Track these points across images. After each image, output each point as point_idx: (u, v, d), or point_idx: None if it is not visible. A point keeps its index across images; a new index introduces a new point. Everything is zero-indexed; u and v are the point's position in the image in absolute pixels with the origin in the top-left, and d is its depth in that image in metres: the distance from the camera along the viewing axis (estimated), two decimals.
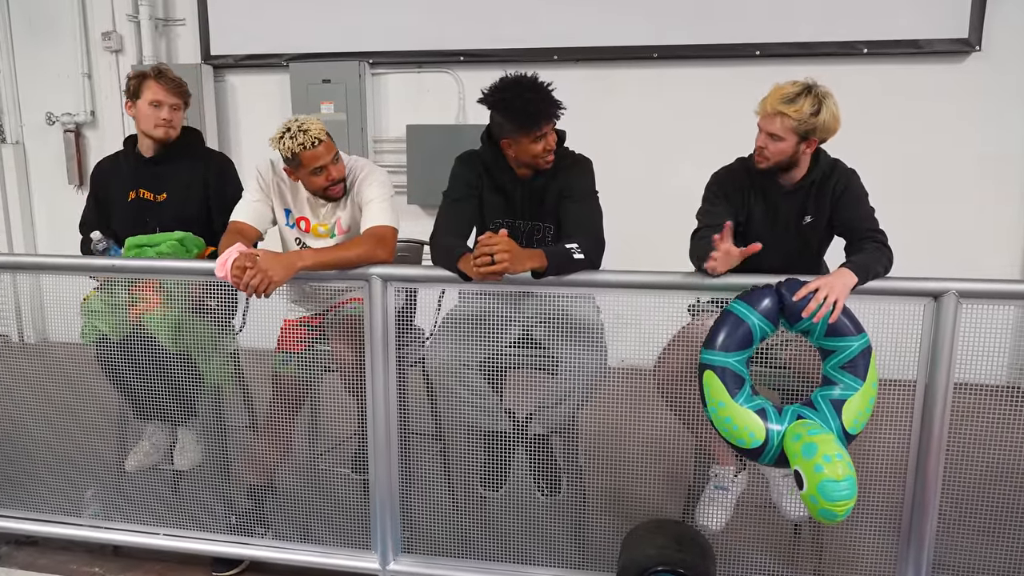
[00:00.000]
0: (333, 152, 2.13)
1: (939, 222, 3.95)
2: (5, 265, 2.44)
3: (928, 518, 1.87)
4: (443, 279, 2.03)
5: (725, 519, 2.03)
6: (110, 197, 2.46)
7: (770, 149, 2.00)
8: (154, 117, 2.36)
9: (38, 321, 4.44)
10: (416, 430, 2.33)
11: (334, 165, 2.14)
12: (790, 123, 1.95)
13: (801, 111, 1.93)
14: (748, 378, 1.79)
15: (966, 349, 1.77)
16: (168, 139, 2.39)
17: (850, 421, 1.73)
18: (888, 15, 3.84)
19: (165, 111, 2.36)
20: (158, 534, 2.31)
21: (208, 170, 2.45)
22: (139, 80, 2.36)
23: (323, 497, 2.36)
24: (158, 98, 2.35)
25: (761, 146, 2.02)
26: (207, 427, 2.37)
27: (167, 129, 2.37)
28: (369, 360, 2.03)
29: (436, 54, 4.31)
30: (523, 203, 2.22)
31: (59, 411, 2.37)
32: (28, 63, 4.83)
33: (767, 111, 1.98)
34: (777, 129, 1.97)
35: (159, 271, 2.19)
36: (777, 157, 2.00)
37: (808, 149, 2.01)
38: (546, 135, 2.07)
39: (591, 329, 2.14)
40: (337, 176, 2.16)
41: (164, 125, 2.36)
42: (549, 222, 2.21)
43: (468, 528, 2.23)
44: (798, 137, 1.97)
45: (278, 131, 2.09)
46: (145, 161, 2.42)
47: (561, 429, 2.18)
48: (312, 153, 2.07)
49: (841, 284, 1.75)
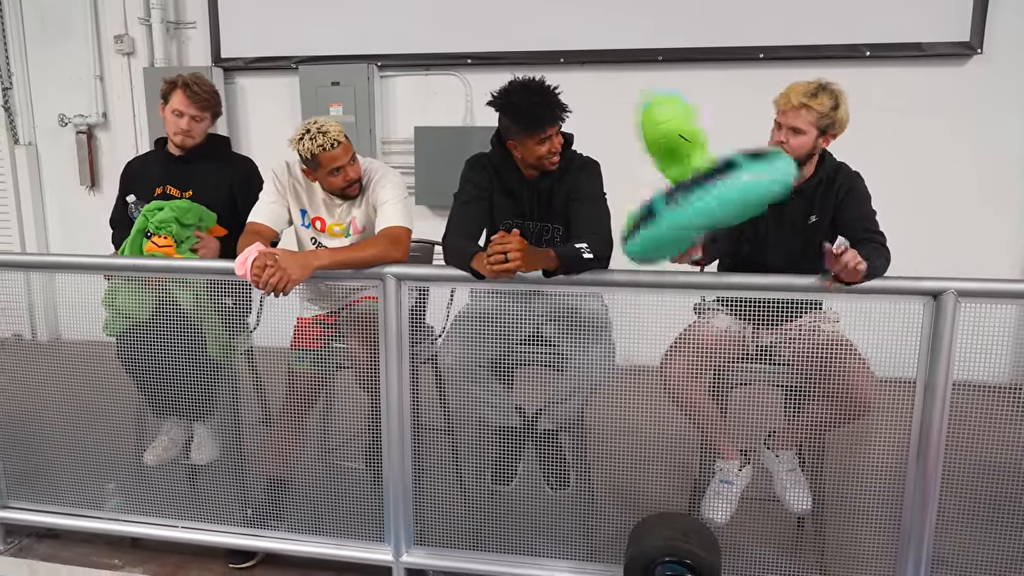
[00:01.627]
0: (350, 153, 2.21)
1: (940, 224, 3.99)
2: (19, 264, 2.50)
3: (927, 515, 1.90)
4: (455, 278, 2.08)
5: (730, 512, 2.09)
6: (138, 195, 2.54)
7: (791, 144, 2.04)
8: (174, 125, 2.47)
9: (51, 320, 4.50)
10: (428, 425, 2.39)
11: (351, 166, 2.21)
12: (813, 116, 2.01)
13: (824, 104, 2.00)
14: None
15: (965, 348, 1.81)
16: (185, 147, 2.49)
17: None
18: (890, 18, 3.88)
19: (184, 121, 2.45)
20: (176, 527, 2.37)
21: (235, 173, 2.54)
22: (170, 87, 2.47)
23: (337, 491, 2.41)
24: (180, 108, 2.45)
25: (782, 140, 2.05)
26: (224, 423, 2.43)
27: (184, 138, 2.47)
28: (384, 357, 2.08)
29: (444, 57, 4.36)
30: (531, 204, 2.27)
31: (79, 407, 2.43)
32: (41, 65, 4.89)
33: (791, 104, 2.03)
34: (801, 122, 2.03)
35: (176, 269, 2.24)
36: (798, 152, 2.04)
37: (824, 144, 2.07)
38: (551, 137, 2.11)
39: (599, 326, 2.19)
40: (354, 176, 2.23)
41: (182, 134, 2.47)
42: (558, 223, 2.27)
43: (479, 521, 2.28)
44: (818, 131, 2.03)
45: (297, 133, 2.15)
46: (174, 159, 2.52)
47: (569, 425, 2.23)
48: (331, 155, 2.14)
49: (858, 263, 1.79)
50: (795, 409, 2.12)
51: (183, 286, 2.26)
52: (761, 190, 1.60)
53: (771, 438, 2.15)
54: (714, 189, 1.57)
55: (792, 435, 2.12)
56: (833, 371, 1.96)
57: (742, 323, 2.16)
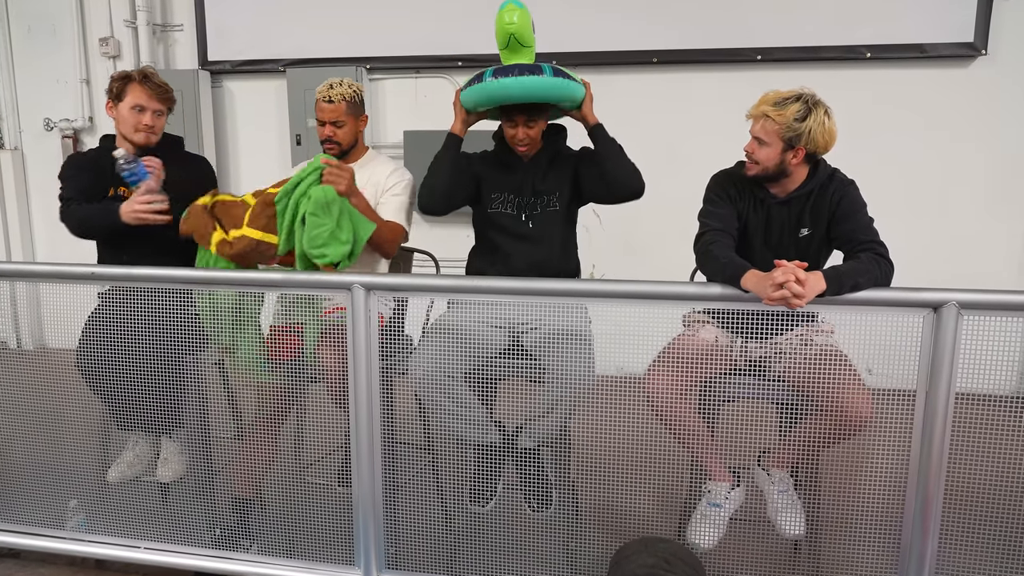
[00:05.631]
0: (338, 117, 2.33)
1: (943, 229, 3.88)
2: (3, 273, 2.38)
3: (929, 535, 1.79)
4: (428, 288, 1.98)
5: (717, 537, 1.97)
6: (85, 189, 2.37)
7: (757, 154, 1.95)
8: (135, 121, 2.30)
9: (35, 328, 4.43)
10: (404, 441, 2.28)
11: (339, 128, 2.35)
12: (773, 126, 1.90)
13: (785, 115, 1.88)
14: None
15: (968, 361, 1.69)
16: (149, 144, 2.34)
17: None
18: (892, 19, 3.77)
19: (148, 116, 2.31)
20: (139, 547, 2.26)
21: (189, 174, 2.41)
22: (123, 82, 2.30)
23: (308, 510, 2.31)
24: (140, 102, 2.29)
25: (748, 151, 1.97)
26: (192, 437, 2.32)
27: (148, 134, 2.32)
28: (352, 370, 1.98)
29: (434, 59, 4.28)
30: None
31: (42, 420, 2.33)
32: (26, 69, 4.82)
33: (756, 112, 1.94)
34: (759, 131, 1.93)
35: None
36: (764, 163, 1.95)
37: (795, 160, 1.94)
38: (518, 125, 2.21)
39: (579, 336, 2.08)
40: (333, 137, 2.36)
41: (145, 130, 2.32)
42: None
43: (455, 543, 2.17)
44: (783, 144, 1.91)
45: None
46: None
47: (551, 441, 2.12)
48: (321, 106, 2.34)
49: (810, 287, 1.67)
50: (788, 426, 2.01)
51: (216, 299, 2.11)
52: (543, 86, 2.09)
53: (764, 456, 2.04)
54: (517, 76, 2.07)
55: (785, 454, 2.00)
56: (826, 385, 1.85)
57: (731, 335, 2.05)
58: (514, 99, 2.12)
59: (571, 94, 2.14)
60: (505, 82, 2.06)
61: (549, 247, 2.30)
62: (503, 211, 2.30)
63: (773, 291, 1.66)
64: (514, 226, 2.30)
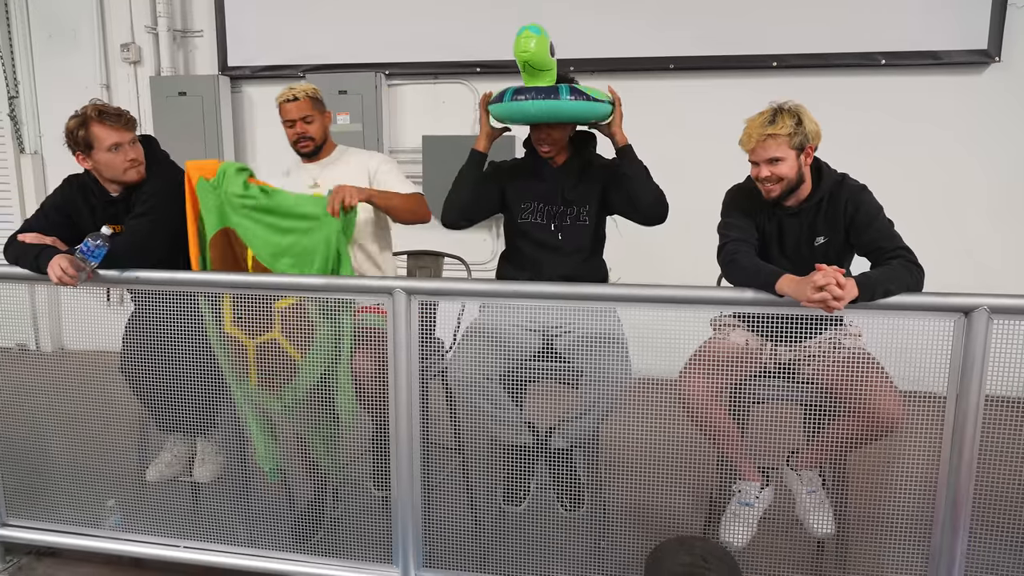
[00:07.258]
0: (305, 115, 2.42)
1: (957, 236, 3.92)
2: (24, 276, 2.41)
3: (959, 537, 1.83)
4: (465, 293, 2.02)
5: (749, 536, 2.01)
6: (75, 220, 2.30)
7: (778, 171, 1.98)
8: (120, 162, 2.17)
9: (55, 330, 4.47)
10: (437, 443, 2.32)
11: (309, 124, 2.44)
12: (783, 140, 1.94)
13: (786, 125, 1.94)
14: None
15: (999, 365, 1.73)
16: (143, 177, 2.23)
17: None
18: (906, 26, 3.82)
19: (129, 150, 2.18)
20: (178, 546, 2.31)
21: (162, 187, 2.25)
22: (83, 128, 2.14)
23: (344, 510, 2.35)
24: (114, 140, 2.15)
25: (764, 176, 1.99)
26: (227, 438, 2.37)
27: (138, 169, 2.22)
28: (392, 375, 2.02)
29: (452, 65, 4.33)
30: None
31: (80, 421, 2.37)
32: (47, 74, 4.87)
33: (756, 140, 1.97)
34: (774, 151, 1.96)
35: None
36: (788, 176, 1.98)
37: (807, 160, 2.00)
38: (542, 128, 2.26)
39: (614, 340, 2.13)
40: (304, 134, 2.45)
41: (133, 165, 2.20)
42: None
43: (489, 542, 2.21)
44: (795, 151, 1.96)
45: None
46: (112, 200, 2.28)
47: (583, 442, 2.16)
48: (285, 107, 2.42)
49: (847, 291, 1.70)
50: (817, 427, 2.05)
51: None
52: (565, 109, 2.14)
53: (793, 457, 2.08)
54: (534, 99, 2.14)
55: (814, 454, 2.05)
56: (856, 388, 1.89)
57: (761, 339, 2.10)
58: (532, 121, 2.21)
59: (589, 114, 2.17)
60: (524, 104, 2.13)
61: (578, 260, 2.33)
62: (533, 220, 2.34)
63: (814, 293, 1.70)
64: (543, 237, 2.33)
